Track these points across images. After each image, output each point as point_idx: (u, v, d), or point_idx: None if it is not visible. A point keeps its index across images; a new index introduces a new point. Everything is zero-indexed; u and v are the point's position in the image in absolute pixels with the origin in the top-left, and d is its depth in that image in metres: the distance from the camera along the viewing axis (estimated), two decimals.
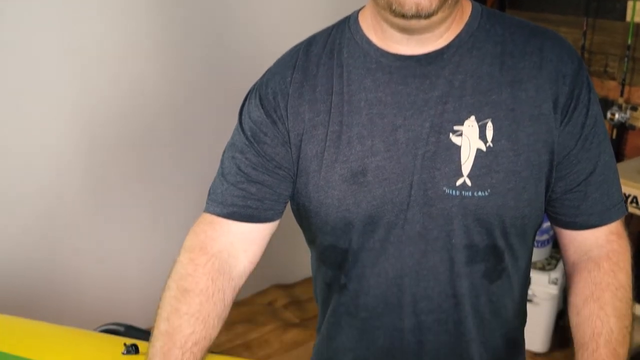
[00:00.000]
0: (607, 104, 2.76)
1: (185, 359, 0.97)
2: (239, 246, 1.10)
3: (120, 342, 1.21)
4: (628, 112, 2.70)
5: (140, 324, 1.41)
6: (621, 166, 2.29)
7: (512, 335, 1.21)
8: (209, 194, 1.14)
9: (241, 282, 1.10)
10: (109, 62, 2.51)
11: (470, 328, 1.13)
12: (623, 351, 0.99)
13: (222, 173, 1.13)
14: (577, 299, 1.07)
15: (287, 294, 3.28)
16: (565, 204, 1.11)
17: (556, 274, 2.77)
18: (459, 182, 1.04)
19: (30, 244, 2.52)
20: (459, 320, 1.12)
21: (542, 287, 2.74)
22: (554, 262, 2.84)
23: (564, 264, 1.18)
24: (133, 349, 1.17)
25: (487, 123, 1.02)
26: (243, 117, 1.14)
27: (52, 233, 2.57)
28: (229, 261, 1.08)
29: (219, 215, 1.11)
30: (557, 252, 2.89)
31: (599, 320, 1.01)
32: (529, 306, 2.57)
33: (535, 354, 2.78)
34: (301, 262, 2.33)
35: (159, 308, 1.02)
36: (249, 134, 1.11)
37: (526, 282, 1.22)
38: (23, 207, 2.47)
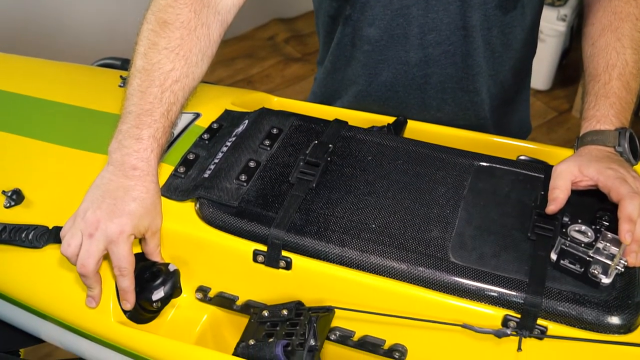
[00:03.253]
0: None
1: (165, 98, 0.89)
2: None
3: (117, 74, 1.19)
4: None
5: None
6: None
7: (520, 66, 1.19)
8: None
9: (229, 17, 1.00)
10: None
11: (479, 61, 1.10)
12: (636, 85, 0.95)
13: None
14: (593, 29, 1.01)
15: (288, 28, 3.22)
16: None
17: (565, 10, 2.67)
18: None
19: None
20: (467, 53, 1.09)
21: (550, 23, 2.66)
22: None
23: None
24: None
25: None
26: None
27: None
28: None
29: None
30: None
31: (614, 51, 0.96)
32: None
33: (538, 91, 2.80)
34: None
35: (136, 44, 0.93)
36: None
37: (540, 10, 1.16)
38: None
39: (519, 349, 0.76)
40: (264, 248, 0.85)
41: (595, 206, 0.87)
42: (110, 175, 0.87)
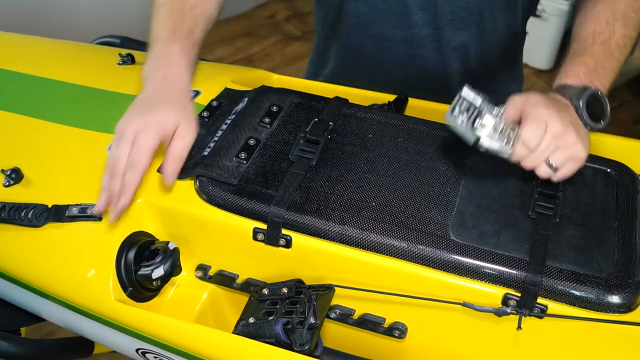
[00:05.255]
0: None
1: (186, 21, 0.96)
2: None
3: (116, 52, 1.18)
4: None
5: (136, 37, 1.37)
6: None
7: (510, 57, 1.17)
8: None
9: None
10: None
11: (469, 47, 1.09)
12: (620, 55, 0.93)
13: None
14: (588, 3, 0.99)
15: (289, 6, 3.20)
16: None
17: None
18: None
19: None
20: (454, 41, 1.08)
21: (553, 2, 2.63)
22: None
23: None
24: (129, 59, 1.15)
25: None
26: None
27: None
28: None
29: None
30: None
31: (604, 21, 0.93)
32: (537, 22, 2.51)
33: (540, 71, 2.78)
34: None
35: None
36: None
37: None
38: None
39: (519, 327, 0.76)
40: (263, 226, 0.84)
41: None
42: (143, 89, 0.92)
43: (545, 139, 0.80)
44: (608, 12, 0.95)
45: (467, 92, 0.80)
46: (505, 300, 0.78)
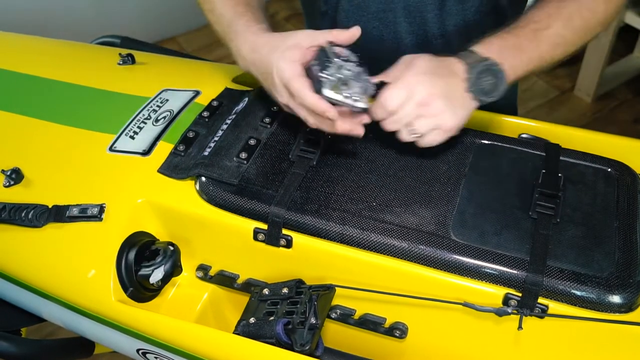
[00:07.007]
0: None
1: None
2: None
3: (116, 52, 1.18)
4: None
5: (137, 37, 1.37)
6: None
7: None
8: None
9: None
10: None
11: None
12: (547, 49, 0.88)
13: None
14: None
15: (289, 6, 3.20)
16: None
17: None
18: None
19: None
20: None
21: None
22: None
23: None
24: (129, 59, 1.15)
25: None
26: None
27: None
28: None
29: None
30: None
31: (546, 14, 0.90)
32: None
33: None
34: None
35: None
36: None
37: (524, 3, 1.14)
38: None
39: (520, 327, 0.76)
40: (264, 226, 0.84)
41: None
42: (247, 54, 0.95)
43: (408, 105, 0.80)
44: (554, 7, 0.91)
45: (328, 48, 0.78)
46: (506, 300, 0.78)
